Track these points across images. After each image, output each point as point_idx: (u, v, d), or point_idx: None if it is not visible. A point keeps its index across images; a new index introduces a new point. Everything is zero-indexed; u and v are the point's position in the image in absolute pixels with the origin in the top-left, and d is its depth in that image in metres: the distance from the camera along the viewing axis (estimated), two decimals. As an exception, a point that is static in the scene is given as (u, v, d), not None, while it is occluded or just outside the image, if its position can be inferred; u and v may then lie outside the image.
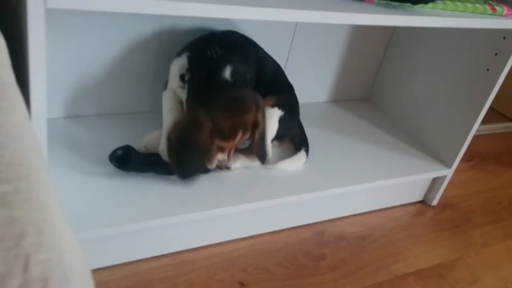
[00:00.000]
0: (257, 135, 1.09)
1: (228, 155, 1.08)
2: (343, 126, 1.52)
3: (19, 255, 0.30)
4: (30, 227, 0.33)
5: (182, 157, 1.02)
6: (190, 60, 1.09)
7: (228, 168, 1.16)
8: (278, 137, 1.24)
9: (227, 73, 1.05)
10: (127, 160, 1.03)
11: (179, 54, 1.12)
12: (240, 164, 1.18)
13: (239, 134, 1.03)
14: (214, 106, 1.00)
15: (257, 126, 1.07)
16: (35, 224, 0.33)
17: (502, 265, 1.33)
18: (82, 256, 0.36)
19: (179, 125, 1.02)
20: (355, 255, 1.23)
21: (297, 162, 1.26)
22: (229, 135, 1.02)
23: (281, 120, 1.22)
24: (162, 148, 1.08)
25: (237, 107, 1.03)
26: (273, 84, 1.24)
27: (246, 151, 1.20)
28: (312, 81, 1.59)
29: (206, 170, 1.09)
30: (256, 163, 1.20)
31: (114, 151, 1.03)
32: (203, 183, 1.10)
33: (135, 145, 1.08)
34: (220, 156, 1.06)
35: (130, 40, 1.19)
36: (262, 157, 1.16)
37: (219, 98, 1.02)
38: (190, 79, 1.06)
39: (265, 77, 1.20)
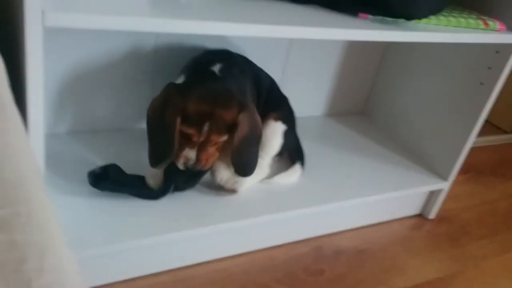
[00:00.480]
0: (236, 139, 1.01)
1: (198, 154, 1.00)
2: (338, 140, 1.53)
3: (21, 280, 0.30)
4: (31, 252, 0.32)
5: (155, 138, 1.02)
6: (186, 75, 1.09)
7: (234, 191, 1.13)
8: (280, 152, 1.23)
9: (217, 67, 1.05)
10: (105, 178, 1.01)
11: (178, 76, 1.12)
12: (248, 185, 1.16)
13: (205, 127, 0.97)
14: (190, 88, 0.98)
15: (236, 129, 1.00)
16: (36, 248, 0.33)
17: (499, 279, 1.32)
18: (82, 278, 0.35)
19: (154, 102, 1.00)
20: (353, 269, 1.23)
21: (293, 176, 1.25)
22: (193, 122, 0.97)
23: (285, 135, 1.21)
24: (149, 175, 1.06)
25: (210, 96, 0.98)
26: (272, 98, 1.24)
27: None
28: (307, 95, 1.60)
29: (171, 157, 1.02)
30: (262, 175, 1.20)
31: (93, 169, 1.01)
32: (201, 199, 1.10)
33: (125, 163, 1.06)
34: (188, 152, 1.00)
35: (124, 57, 1.19)
36: (241, 169, 1.07)
37: (199, 83, 1.01)
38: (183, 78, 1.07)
39: (264, 93, 1.21)
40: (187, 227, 1.01)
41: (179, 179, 1.05)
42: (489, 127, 2.21)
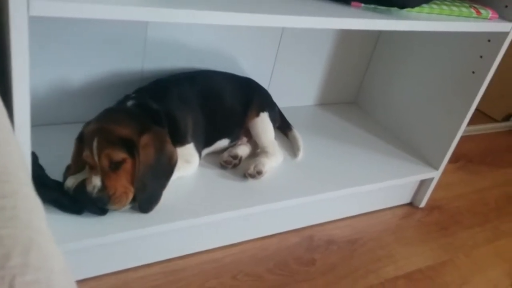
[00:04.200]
0: (140, 165, 0.93)
1: (103, 180, 0.91)
2: (330, 130, 1.52)
3: (5, 277, 0.29)
4: (15, 247, 0.31)
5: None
6: None
7: (260, 174, 1.16)
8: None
9: (130, 102, 1.03)
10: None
11: None
12: (268, 168, 1.19)
13: (94, 143, 0.91)
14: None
15: (135, 149, 0.93)
16: (21, 243, 0.32)
17: (490, 266, 1.33)
18: (70, 275, 0.35)
19: None
20: (345, 259, 1.23)
21: (300, 140, 1.35)
22: (86, 144, 0.93)
23: (270, 116, 1.27)
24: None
25: (106, 115, 0.97)
26: (240, 99, 1.24)
27: (263, 153, 1.22)
28: (299, 85, 1.59)
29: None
30: (279, 160, 1.24)
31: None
32: (192, 191, 1.09)
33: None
34: (94, 179, 0.92)
35: (111, 79, 1.19)
36: (144, 203, 0.97)
37: (105, 110, 1.00)
38: None
39: (227, 102, 1.21)
40: (178, 219, 1.00)
41: (85, 203, 0.94)
42: (479, 115, 2.23)
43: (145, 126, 0.96)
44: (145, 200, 0.97)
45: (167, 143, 0.98)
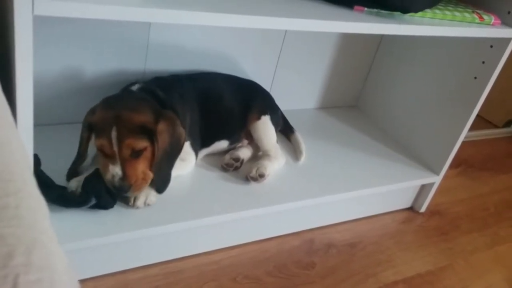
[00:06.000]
0: (158, 152, 0.95)
1: (123, 168, 0.91)
2: (331, 133, 1.52)
3: (8, 276, 0.29)
4: (19, 246, 0.31)
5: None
6: None
7: (262, 177, 1.15)
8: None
9: (136, 87, 1.03)
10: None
11: None
12: (270, 171, 1.18)
13: (113, 132, 0.89)
14: (100, 102, 0.95)
15: (154, 136, 0.93)
16: (25, 242, 0.32)
17: (489, 272, 1.33)
18: (73, 274, 0.35)
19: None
20: (344, 263, 1.23)
21: (303, 142, 1.35)
22: (101, 132, 0.90)
23: (273, 120, 1.26)
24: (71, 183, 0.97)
25: (117, 101, 0.94)
26: (241, 101, 1.24)
27: (265, 156, 1.22)
28: (300, 88, 1.59)
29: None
30: (281, 163, 1.24)
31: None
32: (192, 192, 1.09)
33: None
34: (113, 168, 0.91)
35: (113, 80, 1.19)
36: (161, 185, 1.00)
37: (111, 96, 0.98)
38: None
39: (227, 103, 1.21)
40: (179, 220, 1.00)
41: (97, 192, 0.94)
42: (480, 121, 2.22)
43: (159, 112, 0.96)
44: (161, 182, 1.00)
45: (178, 126, 0.99)
